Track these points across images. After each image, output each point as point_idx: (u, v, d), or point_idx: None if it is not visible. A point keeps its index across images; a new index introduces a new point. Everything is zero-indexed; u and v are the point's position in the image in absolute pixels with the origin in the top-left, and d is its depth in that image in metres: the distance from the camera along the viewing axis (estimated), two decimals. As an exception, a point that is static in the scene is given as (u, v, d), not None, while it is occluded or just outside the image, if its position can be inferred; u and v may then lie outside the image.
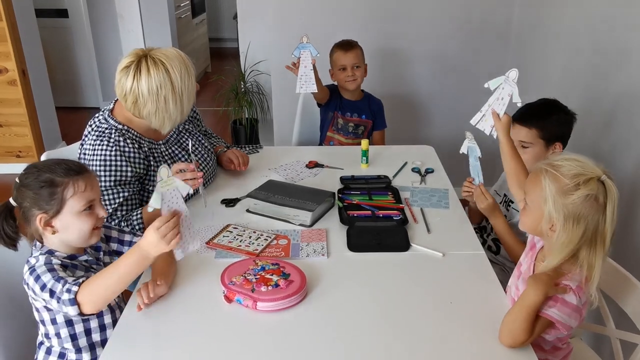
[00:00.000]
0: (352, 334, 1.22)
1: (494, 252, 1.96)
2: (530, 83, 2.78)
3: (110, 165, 1.63)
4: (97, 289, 1.20)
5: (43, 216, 1.25)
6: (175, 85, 1.62)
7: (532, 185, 1.22)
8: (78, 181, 1.27)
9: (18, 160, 3.85)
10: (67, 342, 1.32)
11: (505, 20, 2.98)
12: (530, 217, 1.24)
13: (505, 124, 1.50)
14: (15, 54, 3.58)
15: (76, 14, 4.85)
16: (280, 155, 2.22)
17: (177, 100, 1.64)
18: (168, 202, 1.22)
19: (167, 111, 1.64)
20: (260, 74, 3.78)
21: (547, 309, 1.16)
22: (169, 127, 1.71)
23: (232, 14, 5.99)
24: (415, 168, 2.08)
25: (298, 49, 2.13)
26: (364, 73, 2.50)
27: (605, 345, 1.65)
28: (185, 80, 1.64)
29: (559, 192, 1.14)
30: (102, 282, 1.20)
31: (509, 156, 1.49)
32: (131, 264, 1.20)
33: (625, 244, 1.84)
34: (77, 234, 1.29)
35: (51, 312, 1.29)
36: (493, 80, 1.51)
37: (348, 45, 2.46)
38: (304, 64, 2.13)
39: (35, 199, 1.25)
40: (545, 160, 1.22)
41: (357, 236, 1.59)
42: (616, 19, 2.01)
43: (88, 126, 1.74)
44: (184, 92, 1.65)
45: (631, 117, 1.89)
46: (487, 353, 1.17)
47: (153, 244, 1.19)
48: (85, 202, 1.28)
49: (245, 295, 1.29)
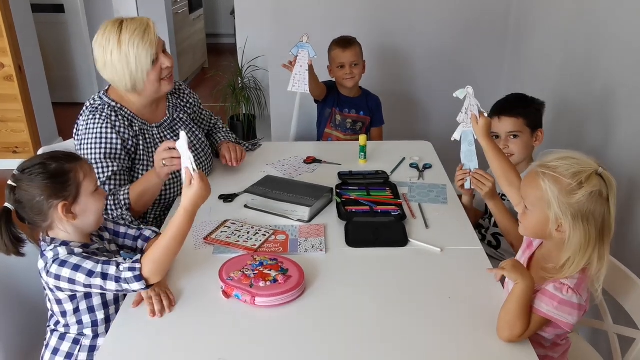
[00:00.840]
0: (350, 329, 1.22)
1: (494, 246, 1.97)
2: (528, 78, 2.79)
3: (101, 138, 1.66)
4: (160, 258, 1.25)
5: (64, 204, 1.26)
6: (123, 41, 1.62)
7: (531, 190, 1.21)
8: (83, 164, 1.32)
9: (15, 156, 3.83)
10: (87, 327, 1.34)
11: (503, 15, 2.98)
12: (532, 222, 1.23)
13: (483, 126, 1.54)
14: (12, 50, 3.57)
15: (72, 9, 4.83)
16: (278, 151, 2.21)
17: (123, 58, 1.63)
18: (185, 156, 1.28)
19: (113, 67, 1.65)
20: (257, 69, 3.77)
21: (546, 308, 1.16)
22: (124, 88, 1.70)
23: (230, 9, 5.97)
24: (414, 163, 2.08)
25: (296, 47, 2.13)
26: (362, 70, 2.50)
27: (602, 340, 1.66)
28: (135, 40, 1.63)
29: (563, 193, 1.13)
30: (160, 251, 1.25)
31: (494, 157, 1.49)
32: (182, 223, 1.26)
33: (623, 241, 1.84)
34: (95, 214, 1.33)
35: (75, 302, 1.31)
36: (458, 91, 1.60)
37: (347, 43, 2.45)
38: (300, 64, 2.13)
39: (51, 190, 1.25)
40: (538, 162, 1.21)
41: (355, 231, 1.59)
42: (614, 12, 2.01)
43: (84, 106, 1.77)
44: (130, 51, 1.63)
45: (629, 110, 1.89)
46: (486, 348, 1.17)
47: (198, 194, 1.25)
48: (95, 181, 1.34)
49: (243, 291, 1.29)
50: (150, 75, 1.68)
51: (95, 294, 1.32)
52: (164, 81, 1.73)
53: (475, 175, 1.67)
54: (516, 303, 1.16)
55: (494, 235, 1.96)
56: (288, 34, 2.17)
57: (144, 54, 1.64)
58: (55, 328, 1.37)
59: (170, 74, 1.74)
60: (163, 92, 1.76)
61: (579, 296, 1.16)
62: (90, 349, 1.35)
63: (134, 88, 1.70)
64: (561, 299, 1.15)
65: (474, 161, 1.69)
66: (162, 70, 1.71)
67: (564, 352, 1.33)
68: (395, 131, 2.84)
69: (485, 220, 2.02)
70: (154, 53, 1.66)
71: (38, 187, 1.25)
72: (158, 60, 1.69)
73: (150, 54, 1.65)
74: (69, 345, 1.35)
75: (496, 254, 1.95)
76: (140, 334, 1.22)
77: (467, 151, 1.69)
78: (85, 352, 1.35)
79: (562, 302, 1.15)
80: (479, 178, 1.65)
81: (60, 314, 1.33)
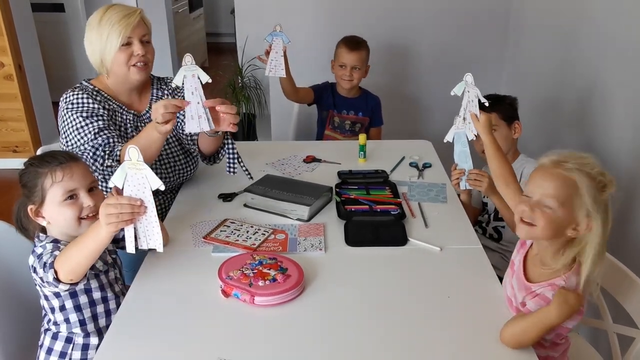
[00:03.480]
0: (349, 328, 1.22)
1: (495, 239, 1.98)
2: (528, 76, 2.78)
3: (79, 104, 1.69)
4: (66, 256, 1.22)
5: (32, 207, 1.30)
6: (103, 19, 1.67)
7: (560, 186, 1.14)
8: (56, 171, 1.29)
9: (15, 155, 3.83)
10: (75, 327, 1.35)
11: (503, 14, 2.98)
12: (555, 220, 1.15)
13: (484, 122, 1.53)
14: (12, 49, 3.57)
15: (72, 8, 4.83)
16: (278, 150, 2.21)
17: (97, 34, 1.68)
18: (132, 187, 1.17)
19: (90, 42, 1.71)
20: (257, 68, 3.76)
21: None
22: (95, 65, 1.73)
23: (230, 8, 5.97)
24: (413, 162, 2.08)
25: (270, 35, 2.20)
26: (363, 75, 2.48)
27: (602, 339, 1.66)
28: (112, 19, 1.66)
29: (595, 188, 1.11)
30: (69, 251, 1.22)
31: (494, 155, 1.48)
32: (88, 232, 1.19)
33: (622, 240, 1.84)
34: (64, 223, 1.32)
35: (60, 299, 1.32)
36: (456, 86, 1.61)
37: (354, 45, 2.43)
38: (275, 50, 2.21)
39: (25, 192, 1.31)
40: (552, 159, 1.17)
41: (354, 231, 1.59)
42: (613, 10, 2.01)
43: None
44: (105, 29, 1.67)
45: (628, 109, 1.89)
46: (485, 347, 1.17)
47: (101, 217, 1.15)
48: (64, 191, 1.29)
49: (242, 290, 1.29)
50: (118, 57, 1.69)
51: (80, 292, 1.34)
52: (133, 68, 1.73)
53: (471, 175, 1.68)
54: (540, 329, 1.12)
55: (495, 228, 1.98)
56: (288, 33, 2.17)
57: (116, 34, 1.67)
58: (49, 327, 1.38)
59: (143, 62, 1.73)
60: (133, 79, 1.75)
61: None
62: (84, 347, 1.36)
63: (104, 66, 1.73)
64: None
65: (468, 162, 1.69)
66: (133, 57, 1.72)
67: (564, 351, 1.33)
68: (395, 130, 2.84)
69: (484, 216, 2.03)
70: (127, 36, 1.68)
71: (22, 190, 1.32)
72: (131, 45, 1.70)
73: (122, 35, 1.67)
74: (62, 344, 1.36)
75: (498, 247, 1.96)
76: (139, 333, 1.22)
77: (461, 152, 1.69)
78: (78, 351, 1.36)
79: None
80: (474, 177, 1.67)
81: (50, 310, 1.35)
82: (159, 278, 1.40)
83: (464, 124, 1.64)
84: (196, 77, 1.48)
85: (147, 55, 1.74)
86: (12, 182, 1.37)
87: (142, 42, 1.73)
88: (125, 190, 1.17)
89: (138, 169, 1.16)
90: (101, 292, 1.38)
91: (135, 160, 1.15)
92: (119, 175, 1.16)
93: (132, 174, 1.16)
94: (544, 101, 2.57)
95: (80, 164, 1.35)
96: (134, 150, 1.15)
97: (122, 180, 1.16)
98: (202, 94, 1.49)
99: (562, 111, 2.42)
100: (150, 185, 1.16)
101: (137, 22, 1.69)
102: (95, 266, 1.34)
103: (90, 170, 1.40)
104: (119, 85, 1.78)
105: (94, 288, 1.37)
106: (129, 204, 1.15)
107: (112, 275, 1.43)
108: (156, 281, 1.38)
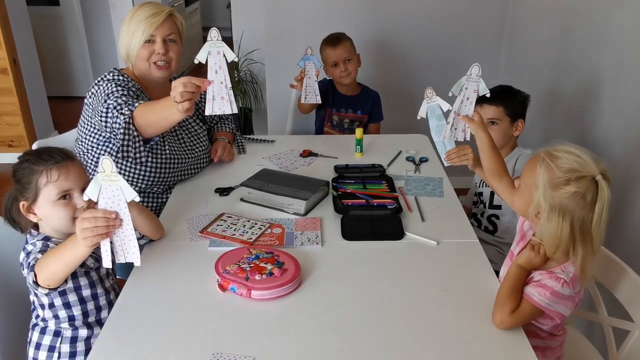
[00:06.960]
0: (346, 322, 1.23)
1: (490, 231, 1.98)
2: (524, 71, 2.79)
3: (114, 80, 1.73)
4: (46, 262, 1.21)
5: (24, 203, 1.30)
6: (134, 16, 1.74)
7: (529, 171, 1.24)
8: (51, 170, 1.28)
9: (10, 150, 3.82)
10: (64, 322, 1.35)
11: (500, 9, 2.97)
12: (521, 199, 1.28)
13: (479, 120, 1.53)
14: (6, 42, 3.55)
15: (67, 2, 4.80)
16: (275, 144, 2.21)
17: (127, 29, 1.75)
18: (107, 199, 1.13)
19: (121, 35, 1.77)
20: (254, 63, 3.76)
21: (538, 297, 1.18)
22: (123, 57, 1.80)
23: (226, 2, 5.94)
24: (410, 157, 2.08)
25: (303, 60, 2.14)
26: (357, 64, 2.48)
27: (597, 332, 1.67)
28: (140, 16, 1.73)
29: (550, 183, 1.16)
30: (48, 259, 1.21)
31: (490, 152, 1.49)
32: (67, 244, 1.17)
33: (617, 232, 1.85)
34: (57, 222, 1.31)
35: (49, 297, 1.31)
36: (455, 85, 1.59)
37: (336, 40, 2.42)
38: (309, 75, 2.15)
39: (18, 188, 1.30)
40: (548, 148, 1.21)
41: (351, 225, 1.59)
42: (610, 5, 2.01)
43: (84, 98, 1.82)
44: (132, 24, 1.73)
45: (624, 104, 1.89)
46: (481, 340, 1.17)
47: (77, 232, 1.12)
48: (58, 191, 1.28)
49: (239, 284, 1.29)
50: (141, 52, 1.75)
51: (69, 291, 1.33)
52: (154, 65, 1.77)
53: (452, 155, 1.63)
54: (506, 281, 1.22)
55: (490, 219, 1.97)
56: (284, 28, 2.16)
57: (141, 30, 1.72)
58: (37, 322, 1.37)
59: (163, 61, 1.77)
60: (154, 76, 1.79)
61: (571, 289, 1.18)
62: (72, 340, 1.36)
63: (130, 60, 1.79)
64: (554, 290, 1.18)
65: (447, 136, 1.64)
66: (153, 55, 1.75)
67: (562, 342, 1.35)
68: (392, 124, 2.83)
69: (479, 206, 2.02)
70: (150, 34, 1.73)
71: (15, 185, 1.31)
72: (154, 43, 1.75)
73: (146, 32, 1.72)
74: (50, 338, 1.35)
75: (493, 240, 1.96)
76: (135, 327, 1.22)
77: (437, 126, 1.68)
78: (67, 344, 1.35)
79: (554, 293, 1.18)
80: (458, 155, 1.62)
81: (39, 306, 1.34)
82: (156, 272, 1.39)
83: (433, 95, 1.63)
84: (222, 54, 1.41)
85: (168, 54, 1.77)
86: (7, 176, 1.36)
87: (166, 41, 1.76)
88: (100, 203, 1.13)
89: (112, 180, 1.12)
90: (91, 290, 1.37)
91: (109, 172, 1.11)
92: (93, 187, 1.12)
93: (106, 186, 1.12)
94: (540, 95, 2.57)
95: (76, 163, 1.34)
96: (107, 161, 1.11)
97: (97, 193, 1.12)
98: (227, 73, 1.42)
99: (558, 105, 2.42)
100: (125, 197, 1.13)
101: (162, 21, 1.74)
102: (85, 263, 1.33)
103: (86, 171, 1.39)
104: (143, 79, 1.83)
105: (84, 286, 1.35)
106: (103, 217, 1.11)
107: (104, 270, 1.42)
108: (153, 275, 1.38)
